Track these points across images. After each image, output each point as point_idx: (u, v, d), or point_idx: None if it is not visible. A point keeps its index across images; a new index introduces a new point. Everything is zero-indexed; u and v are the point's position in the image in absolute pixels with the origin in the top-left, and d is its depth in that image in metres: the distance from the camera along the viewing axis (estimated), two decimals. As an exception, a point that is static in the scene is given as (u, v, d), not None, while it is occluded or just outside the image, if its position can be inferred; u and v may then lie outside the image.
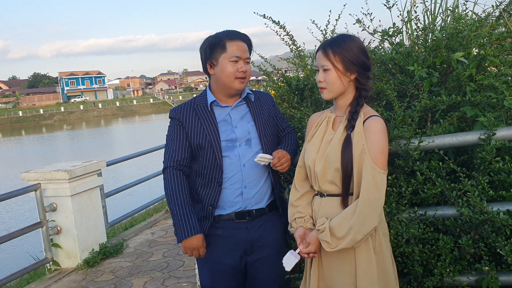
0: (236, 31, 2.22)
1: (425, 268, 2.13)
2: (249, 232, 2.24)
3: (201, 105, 2.26)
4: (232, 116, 2.25)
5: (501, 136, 2.00)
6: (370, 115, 1.90)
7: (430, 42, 2.42)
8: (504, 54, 2.28)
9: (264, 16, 2.72)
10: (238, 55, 2.16)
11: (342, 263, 1.93)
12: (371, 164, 1.80)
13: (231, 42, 2.17)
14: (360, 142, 1.85)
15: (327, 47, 1.91)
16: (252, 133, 2.24)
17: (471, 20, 2.56)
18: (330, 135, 1.96)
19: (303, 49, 2.98)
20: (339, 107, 1.99)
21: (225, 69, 2.17)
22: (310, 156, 1.99)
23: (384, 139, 1.86)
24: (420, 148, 2.07)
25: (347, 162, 1.84)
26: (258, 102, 2.32)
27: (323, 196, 1.99)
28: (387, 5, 2.42)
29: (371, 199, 1.79)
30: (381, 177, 1.81)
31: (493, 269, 1.98)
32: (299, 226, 2.02)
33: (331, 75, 1.90)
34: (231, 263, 2.24)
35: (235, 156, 2.19)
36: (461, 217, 2.05)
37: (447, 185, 2.05)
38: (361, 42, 1.96)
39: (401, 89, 2.39)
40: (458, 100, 2.08)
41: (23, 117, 76.25)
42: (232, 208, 2.22)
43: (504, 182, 2.04)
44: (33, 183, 4.80)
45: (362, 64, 1.90)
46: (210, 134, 2.18)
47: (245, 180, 2.20)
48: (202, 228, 2.21)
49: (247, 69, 2.21)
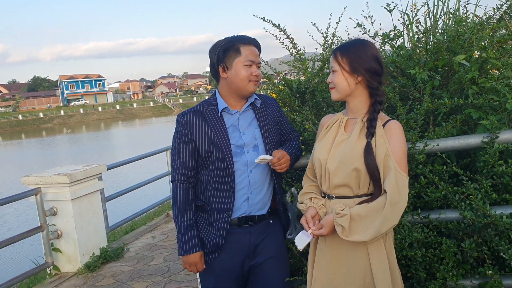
0: (249, 36, 2.26)
1: (428, 272, 2.11)
2: (251, 237, 2.24)
3: (210, 110, 2.25)
4: (240, 122, 2.26)
5: (504, 139, 1.99)
6: (387, 119, 1.96)
7: (431, 45, 2.41)
8: (506, 56, 2.27)
9: (264, 19, 2.72)
10: (252, 59, 2.20)
11: (355, 264, 1.94)
12: (395, 167, 1.85)
13: (246, 47, 2.21)
14: (384, 145, 1.88)
15: (337, 50, 1.99)
16: (258, 139, 2.25)
17: (472, 23, 2.55)
18: (343, 136, 1.99)
19: (303, 52, 2.98)
20: (351, 109, 2.03)
21: (239, 72, 2.20)
22: (320, 155, 2.01)
23: (405, 143, 1.93)
24: (424, 152, 2.06)
25: (373, 170, 1.88)
26: (264, 108, 2.32)
27: (331, 198, 2.00)
28: (387, 8, 2.42)
29: (393, 201, 1.83)
30: (403, 180, 1.85)
31: (497, 273, 1.97)
32: (311, 206, 2.03)
33: (338, 76, 1.96)
34: (233, 268, 2.24)
35: (243, 162, 2.21)
36: (464, 220, 2.04)
37: (450, 188, 2.04)
38: (373, 47, 2.00)
39: (402, 92, 2.38)
40: (460, 103, 2.07)
41: (23, 120, 76.38)
42: (236, 214, 2.22)
43: (507, 185, 2.03)
44: (34, 187, 4.79)
45: (369, 68, 1.93)
46: (220, 141, 2.19)
47: (251, 186, 2.21)
48: (219, 237, 2.22)
49: (259, 73, 2.25)
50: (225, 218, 2.21)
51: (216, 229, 2.23)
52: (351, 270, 1.95)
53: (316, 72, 2.93)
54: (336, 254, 1.98)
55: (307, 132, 2.43)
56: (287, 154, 2.23)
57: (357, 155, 1.90)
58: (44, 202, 4.80)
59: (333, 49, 2.04)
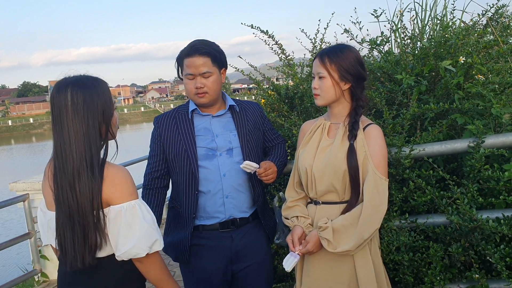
0: (194, 44, 2.17)
1: (415, 276, 2.12)
2: (233, 241, 2.21)
3: (182, 113, 2.25)
4: (213, 125, 2.23)
5: (489, 143, 2.01)
6: (368, 123, 1.95)
7: (418, 51, 2.44)
8: (492, 62, 2.30)
9: (252, 26, 2.73)
10: (191, 72, 2.15)
11: (341, 269, 1.94)
12: (373, 170, 1.85)
13: (187, 59, 2.15)
14: (363, 148, 1.89)
15: (324, 55, 1.94)
16: (234, 143, 2.21)
17: (458, 29, 2.58)
18: (326, 141, 1.99)
19: (292, 58, 2.99)
20: (334, 115, 2.02)
21: (186, 86, 2.21)
22: (306, 161, 2.00)
23: (384, 146, 1.92)
24: (410, 156, 2.07)
25: (354, 171, 1.87)
26: (244, 112, 2.30)
27: (318, 204, 1.99)
28: (374, 14, 2.44)
29: (373, 204, 1.83)
30: (382, 183, 1.85)
31: (483, 277, 1.99)
32: (297, 225, 2.02)
33: (326, 83, 1.93)
34: (216, 273, 2.22)
35: (213, 165, 2.17)
36: (451, 224, 2.06)
37: (437, 193, 2.05)
38: (358, 53, 1.99)
39: (390, 97, 2.40)
40: (446, 108, 2.09)
41: (13, 126, 75.69)
42: (216, 219, 2.19)
43: (493, 189, 2.05)
44: (22, 193, 4.73)
45: (357, 74, 1.92)
46: (186, 143, 2.17)
47: (226, 190, 2.17)
48: (187, 238, 2.20)
49: (205, 83, 2.15)
50: (190, 221, 2.20)
51: (185, 231, 2.21)
52: (337, 275, 1.95)
53: (304, 77, 2.95)
54: (323, 258, 1.97)
55: (295, 137, 2.43)
56: (274, 165, 2.21)
57: (341, 159, 1.90)
58: (32, 208, 4.75)
59: (319, 53, 1.99)
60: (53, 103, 1.61)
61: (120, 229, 1.59)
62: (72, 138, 1.57)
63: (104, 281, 1.68)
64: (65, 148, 1.58)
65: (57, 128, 1.60)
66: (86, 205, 1.56)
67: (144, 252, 1.61)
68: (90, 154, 1.58)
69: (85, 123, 1.58)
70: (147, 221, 1.62)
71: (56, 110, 1.60)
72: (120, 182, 1.61)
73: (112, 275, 1.68)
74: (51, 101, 1.62)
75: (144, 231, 1.61)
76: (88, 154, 1.58)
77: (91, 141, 1.59)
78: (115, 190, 1.59)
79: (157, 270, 1.71)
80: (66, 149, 1.58)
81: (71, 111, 1.57)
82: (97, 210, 1.57)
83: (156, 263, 1.70)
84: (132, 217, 1.60)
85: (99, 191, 1.56)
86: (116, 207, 1.59)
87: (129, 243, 1.59)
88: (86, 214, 1.56)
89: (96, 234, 1.59)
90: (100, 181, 1.57)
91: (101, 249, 1.62)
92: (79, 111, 1.57)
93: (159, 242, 1.65)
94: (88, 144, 1.58)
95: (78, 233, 1.58)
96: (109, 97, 1.65)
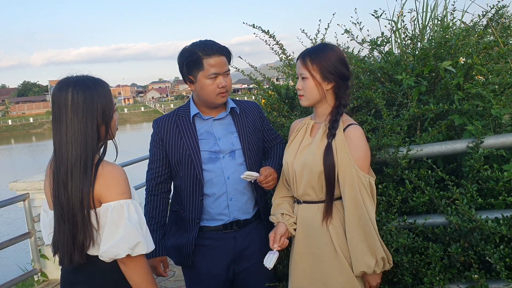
0: (212, 44, 2.15)
1: (415, 276, 2.12)
2: (237, 242, 2.22)
3: (183, 116, 2.23)
4: (215, 128, 2.23)
5: (489, 144, 2.01)
6: (349, 124, 1.96)
7: (418, 51, 2.44)
8: (492, 62, 2.30)
9: (253, 26, 2.73)
10: (216, 71, 2.11)
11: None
12: (356, 170, 1.87)
13: (208, 59, 2.10)
14: (344, 150, 1.89)
15: (306, 56, 1.95)
16: (236, 145, 2.22)
17: (459, 29, 2.58)
18: (307, 140, 2.01)
19: (292, 58, 3.00)
20: (318, 114, 2.04)
21: (204, 86, 2.13)
22: (288, 160, 2.04)
23: (365, 146, 1.94)
24: (408, 157, 2.08)
25: (329, 170, 1.88)
26: (244, 114, 2.30)
27: (299, 203, 2.03)
28: (375, 15, 2.44)
29: (357, 201, 1.87)
30: (367, 181, 1.88)
31: (483, 277, 1.98)
32: (280, 222, 2.04)
33: (309, 83, 1.94)
34: (219, 273, 2.23)
35: (218, 168, 2.17)
36: (450, 225, 2.06)
37: (436, 193, 2.06)
38: (341, 52, 1.99)
39: (390, 97, 2.40)
40: (446, 109, 2.09)
41: (13, 126, 75.70)
42: (220, 221, 2.20)
43: (492, 190, 2.05)
44: (22, 193, 4.73)
45: (339, 74, 1.93)
46: (189, 148, 2.16)
47: (230, 193, 2.18)
48: (190, 243, 2.20)
49: (227, 82, 2.16)
50: (195, 225, 2.20)
51: (188, 236, 2.21)
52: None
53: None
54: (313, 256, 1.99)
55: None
56: (274, 172, 2.21)
57: (318, 158, 1.91)
58: (32, 208, 4.75)
59: (301, 54, 1.99)
60: (54, 102, 1.61)
61: (105, 227, 1.59)
62: (69, 137, 1.58)
63: (104, 279, 1.68)
64: (62, 146, 1.58)
65: (56, 127, 1.61)
66: (76, 204, 1.56)
67: (124, 253, 1.58)
68: (86, 154, 1.58)
69: (83, 123, 1.58)
70: (132, 222, 1.59)
71: (57, 109, 1.60)
72: (112, 181, 1.60)
73: (113, 273, 1.67)
74: (52, 99, 1.63)
75: (127, 232, 1.58)
76: (83, 154, 1.58)
77: (88, 142, 1.59)
78: (107, 188, 1.59)
79: (140, 276, 1.65)
80: (63, 147, 1.58)
81: (71, 110, 1.58)
82: (87, 209, 1.57)
83: (139, 267, 1.65)
84: (118, 216, 1.58)
85: (90, 191, 1.56)
86: (104, 205, 1.59)
87: (109, 242, 1.57)
88: (75, 213, 1.56)
89: (84, 233, 1.58)
90: (92, 181, 1.57)
91: (94, 247, 1.62)
92: (79, 111, 1.58)
93: (143, 245, 1.60)
94: (84, 144, 1.58)
95: (67, 231, 1.58)
96: (109, 99, 1.65)
